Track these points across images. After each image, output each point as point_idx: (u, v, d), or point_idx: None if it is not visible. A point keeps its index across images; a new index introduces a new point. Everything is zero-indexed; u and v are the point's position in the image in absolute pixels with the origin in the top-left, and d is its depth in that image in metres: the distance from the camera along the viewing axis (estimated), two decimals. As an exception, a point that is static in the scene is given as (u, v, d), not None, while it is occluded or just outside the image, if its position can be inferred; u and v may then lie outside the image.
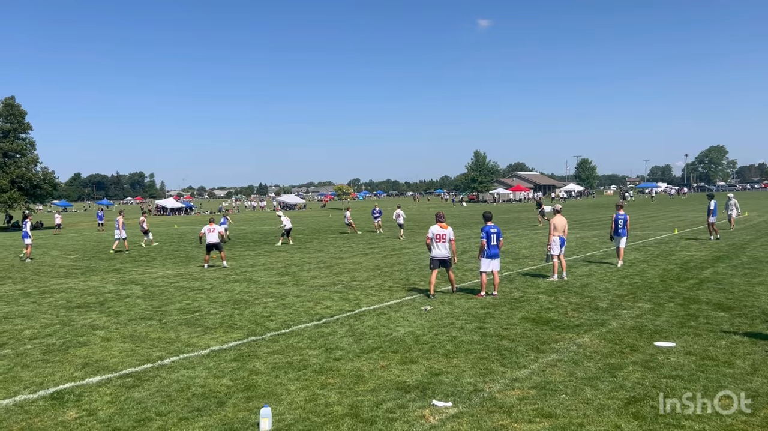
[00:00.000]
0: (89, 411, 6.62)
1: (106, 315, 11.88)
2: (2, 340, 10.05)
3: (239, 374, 7.80)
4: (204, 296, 13.70)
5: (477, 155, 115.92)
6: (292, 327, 10.42)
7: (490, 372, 7.55)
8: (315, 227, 41.72)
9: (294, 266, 18.73)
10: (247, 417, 6.30)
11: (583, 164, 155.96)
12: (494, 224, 13.02)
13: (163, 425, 6.16)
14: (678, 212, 46.54)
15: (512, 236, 28.11)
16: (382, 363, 8.07)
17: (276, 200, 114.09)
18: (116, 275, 18.17)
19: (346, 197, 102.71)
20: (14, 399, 7.08)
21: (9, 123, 55.27)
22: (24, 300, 13.98)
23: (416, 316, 10.96)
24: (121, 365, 8.36)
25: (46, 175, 57.14)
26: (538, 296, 12.56)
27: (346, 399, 6.73)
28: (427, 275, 15.97)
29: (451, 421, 6.02)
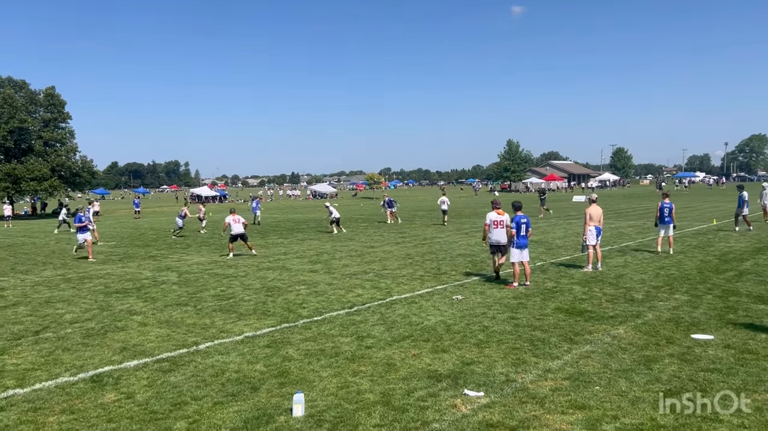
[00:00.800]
0: (127, 394, 6.78)
1: (143, 301, 12.14)
2: (44, 323, 10.35)
3: (272, 360, 7.90)
4: (238, 284, 13.89)
5: (510, 143, 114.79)
6: (324, 314, 10.50)
7: (522, 363, 7.50)
8: (346, 215, 41.88)
9: (326, 255, 18.84)
10: (280, 402, 6.38)
11: (619, 153, 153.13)
12: (524, 214, 12.88)
13: (198, 409, 6.28)
14: (716, 202, 45.42)
15: (545, 226, 27.81)
16: (414, 352, 8.08)
17: (309, 188, 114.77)
18: (152, 261, 18.53)
19: (377, 186, 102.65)
20: (56, 381, 7.29)
21: (50, 113, 56.71)
22: (64, 285, 14.37)
23: (447, 305, 10.93)
24: (158, 350, 8.54)
25: (84, 163, 58.52)
26: (572, 286, 12.42)
27: (378, 387, 6.76)
28: (459, 264, 15.95)
29: (483, 411, 6.00)
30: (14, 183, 51.84)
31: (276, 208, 60.38)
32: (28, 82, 56.27)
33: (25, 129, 53.87)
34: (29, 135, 54.66)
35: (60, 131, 57.20)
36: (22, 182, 51.74)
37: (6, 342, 9.16)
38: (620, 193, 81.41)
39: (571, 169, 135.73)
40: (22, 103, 54.26)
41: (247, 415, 6.06)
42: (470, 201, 64.08)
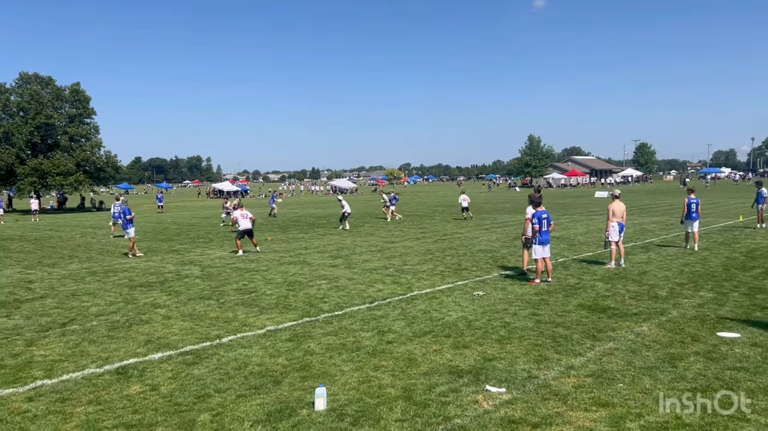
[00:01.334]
0: (152, 386, 6.87)
1: (167, 294, 12.29)
2: (71, 316, 10.53)
3: (294, 354, 7.95)
4: (260, 278, 13.99)
5: (531, 138, 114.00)
6: (345, 309, 10.53)
7: (544, 359, 7.46)
8: (366, 211, 41.91)
9: (346, 250, 18.89)
10: (302, 396, 6.43)
11: (642, 149, 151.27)
12: (544, 209, 12.77)
13: (221, 401, 6.35)
14: (742, 198, 44.61)
15: (567, 221, 27.58)
16: (435, 347, 8.07)
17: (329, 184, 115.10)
18: (176, 255, 18.74)
19: (397, 181, 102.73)
20: (82, 373, 7.42)
21: (75, 108, 57.48)
22: (90, 279, 14.59)
23: (468, 301, 10.90)
24: (182, 342, 8.64)
25: (109, 158, 59.27)
26: (595, 283, 12.30)
27: (399, 382, 6.78)
28: (480, 260, 15.89)
29: (505, 407, 5.99)
30: (41, 178, 52.68)
31: (297, 203, 60.65)
32: (54, 79, 57.12)
33: (51, 125, 54.71)
34: (55, 131, 55.48)
35: (85, 127, 57.96)
36: (49, 176, 52.54)
37: (34, 334, 9.34)
38: (643, 189, 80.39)
39: (593, 164, 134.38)
40: (49, 100, 55.08)
41: (270, 408, 6.11)
42: (490, 197, 63.72)
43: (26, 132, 52.75)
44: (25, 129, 52.68)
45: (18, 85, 55.48)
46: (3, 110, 54.11)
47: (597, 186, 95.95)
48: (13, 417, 6.06)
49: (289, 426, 5.67)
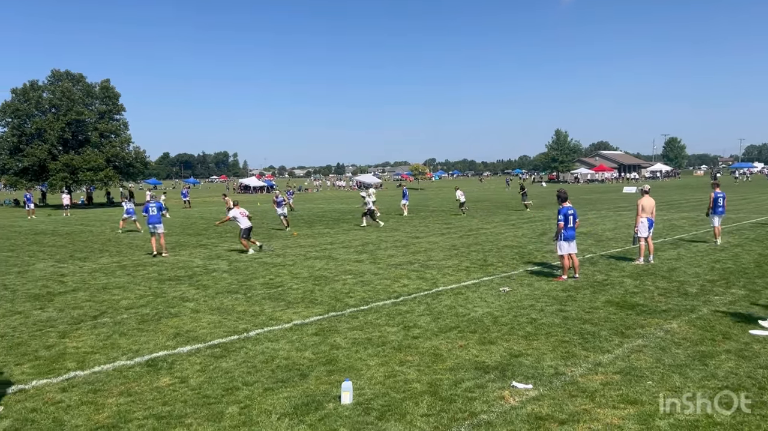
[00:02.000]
0: (181, 379, 6.98)
1: (195, 288, 12.45)
2: (102, 309, 10.74)
3: (321, 348, 8.00)
4: (286, 272, 14.09)
5: (558, 133, 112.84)
6: (371, 303, 10.56)
7: (571, 356, 7.40)
8: (391, 206, 41.93)
9: (371, 245, 18.93)
10: (329, 389, 6.47)
11: (672, 143, 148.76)
12: (570, 205, 12.62)
13: (249, 394, 6.42)
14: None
15: (594, 217, 27.27)
16: (461, 343, 8.06)
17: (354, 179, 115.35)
18: (203, 250, 18.97)
19: (422, 176, 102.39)
20: (113, 365, 7.56)
21: (105, 105, 58.50)
22: (120, 272, 14.85)
23: (494, 297, 10.85)
24: (210, 336, 8.76)
25: (138, 154, 60.20)
26: (623, 279, 12.15)
27: (425, 377, 6.78)
28: (506, 256, 15.81)
29: (532, 403, 5.95)
30: (72, 173, 53.76)
31: (322, 198, 60.91)
32: (84, 76, 58.18)
33: (81, 121, 55.76)
34: (86, 127, 56.52)
35: (114, 123, 58.96)
36: (79, 172, 53.60)
37: (67, 326, 9.54)
38: (672, 184, 79.06)
39: (621, 159, 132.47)
40: (79, 96, 56.13)
41: (297, 401, 6.17)
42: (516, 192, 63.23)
43: (58, 128, 53.83)
44: (56, 125, 53.77)
45: (50, 82, 56.65)
46: (36, 106, 55.28)
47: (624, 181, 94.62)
48: (48, 407, 6.21)
49: (315, 420, 5.71)
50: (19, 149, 54.59)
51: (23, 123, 55.25)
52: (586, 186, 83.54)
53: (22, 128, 54.98)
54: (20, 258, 18.02)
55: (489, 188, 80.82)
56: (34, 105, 55.14)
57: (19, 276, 14.53)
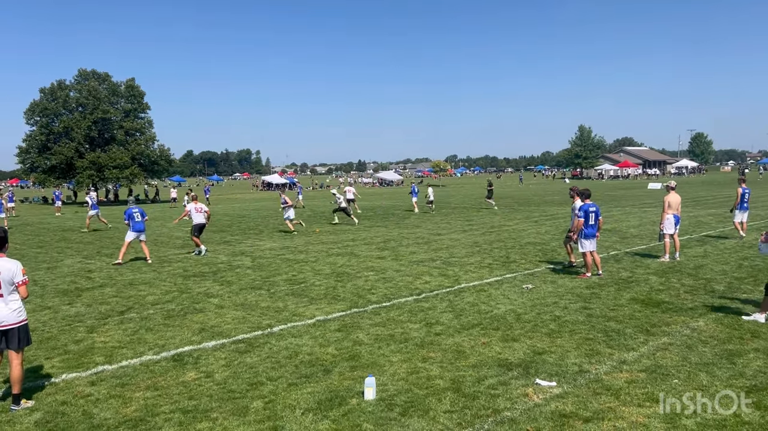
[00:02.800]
0: (206, 373, 7.07)
1: (219, 284, 12.59)
2: (129, 304, 10.91)
3: (343, 344, 8.04)
4: (309, 269, 14.17)
5: (582, 129, 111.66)
6: (393, 300, 10.58)
7: (596, 354, 7.34)
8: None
9: (393, 242, 18.94)
10: (352, 385, 6.51)
11: (698, 139, 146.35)
12: (593, 202, 12.49)
13: (273, 389, 6.48)
14: (807, 190, 42.70)
15: (619, 214, 26.97)
16: (483, 340, 8.04)
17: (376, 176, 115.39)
18: (227, 246, 19.15)
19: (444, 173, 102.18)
20: (140, 359, 7.69)
21: (130, 103, 59.34)
22: (146, 269, 15.06)
23: (517, 294, 10.80)
24: (234, 331, 8.85)
25: (162, 152, 60.96)
26: (648, 277, 12.01)
27: (448, 374, 6.78)
28: (528, 253, 15.72)
29: (556, 401, 5.92)
30: (98, 171, 54.61)
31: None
32: (110, 75, 59.02)
33: (107, 119, 56.60)
34: (111, 125, 57.36)
35: (139, 121, 59.77)
36: (106, 170, 54.43)
37: (95, 321, 9.72)
38: (698, 180, 77.79)
39: (646, 155, 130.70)
40: (105, 95, 57.00)
41: (321, 397, 6.21)
42: (538, 189, 62.75)
43: (84, 127, 54.72)
44: (83, 124, 54.66)
45: (77, 81, 57.58)
46: (63, 105, 56.23)
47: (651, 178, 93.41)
48: (77, 400, 6.34)
49: (339, 415, 5.75)
50: (48, 148, 55.59)
51: (51, 122, 56.25)
52: (610, 182, 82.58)
53: (50, 126, 55.96)
54: (49, 254, 18.37)
55: (509, 184, 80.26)
56: (62, 104, 56.10)
57: (48, 272, 14.82)
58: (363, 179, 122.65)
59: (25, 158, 56.66)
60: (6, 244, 6.37)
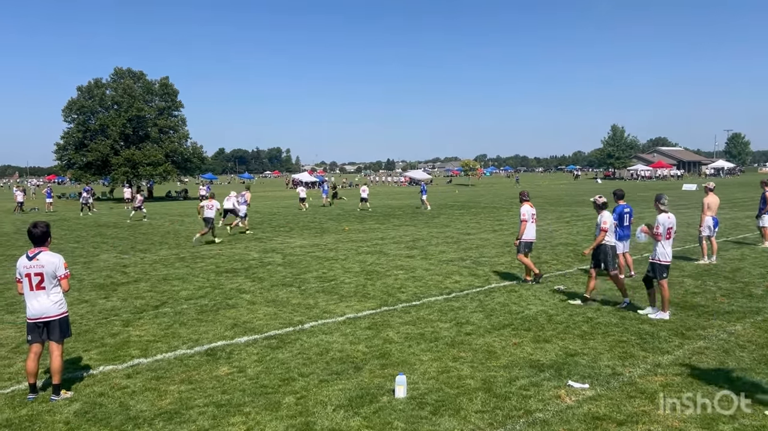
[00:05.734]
0: (239, 368, 7.17)
1: (251, 280, 12.73)
2: (163, 299, 11.11)
3: (374, 342, 8.07)
4: (339, 266, 14.25)
5: (614, 128, 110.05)
6: (423, 299, 10.58)
7: (629, 356, 7.24)
8: (441, 202, 41.78)
9: (422, 241, 18.92)
10: (382, 383, 6.53)
11: (735, 139, 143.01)
12: (627, 203, 12.30)
13: (305, 385, 6.54)
14: None
15: (652, 215, 26.47)
16: (515, 340, 7.99)
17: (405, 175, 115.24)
18: (258, 243, 19.35)
19: (473, 173, 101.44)
20: (174, 353, 7.82)
21: (164, 101, 60.28)
22: (179, 264, 15.31)
23: (549, 295, 10.71)
24: (266, 327, 8.95)
25: (195, 149, 61.83)
26: (683, 279, 11.80)
27: (479, 374, 6.76)
28: (560, 253, 15.55)
29: (589, 403, 5.86)
30: (133, 168, 55.62)
31: (372, 194, 61.10)
32: (145, 73, 60.05)
33: (142, 117, 57.59)
34: (146, 123, 58.34)
35: (173, 119, 60.69)
36: (140, 166, 55.41)
37: (130, 315, 9.92)
38: (734, 181, 75.99)
39: (680, 155, 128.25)
40: (140, 93, 57.99)
41: (352, 394, 6.25)
42: (570, 189, 62.04)
43: (120, 124, 55.77)
44: (119, 121, 55.71)
45: (113, 80, 58.69)
46: (99, 103, 57.38)
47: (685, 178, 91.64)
48: (114, 392, 6.49)
49: (370, 412, 5.78)
50: (84, 145, 56.78)
51: (88, 119, 57.47)
52: (643, 183, 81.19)
53: (87, 124, 57.19)
54: (85, 249, 18.79)
55: (537, 183, 79.48)
56: (98, 102, 57.26)
57: (84, 267, 15.16)
58: (392, 177, 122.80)
59: (63, 155, 57.97)
60: (49, 238, 6.55)
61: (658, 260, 9.12)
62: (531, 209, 11.96)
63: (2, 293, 11.85)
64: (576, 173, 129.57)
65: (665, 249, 9.13)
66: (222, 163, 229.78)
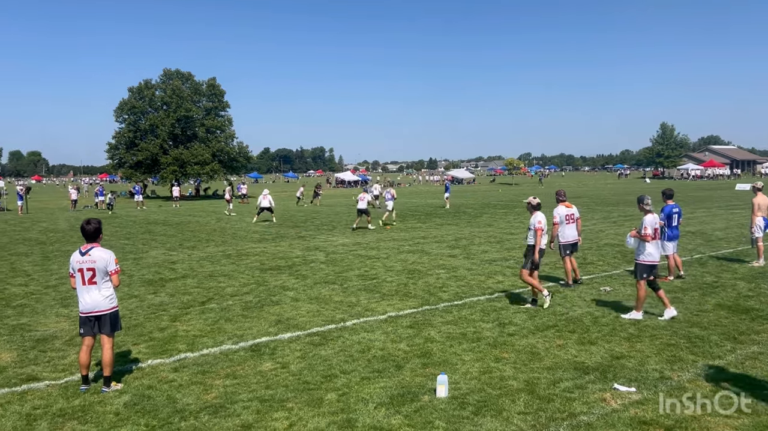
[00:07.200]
0: (282, 364, 7.26)
1: (294, 278, 12.89)
2: (209, 295, 11.34)
3: (415, 341, 8.07)
4: (380, 265, 14.29)
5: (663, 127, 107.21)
6: (465, 299, 10.52)
7: (678, 360, 7.04)
8: (484, 201, 41.46)
9: (464, 240, 18.81)
10: (423, 382, 6.52)
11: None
12: (675, 203, 11.96)
13: (347, 382, 6.59)
14: None
15: (704, 216, 25.74)
16: (559, 342, 7.87)
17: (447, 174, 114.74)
18: (302, 241, 19.58)
19: (517, 172, 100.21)
20: (220, 348, 7.98)
21: (211, 102, 61.55)
22: (225, 261, 15.61)
23: (595, 296, 10.51)
24: (309, 324, 9.05)
25: (241, 149, 62.96)
26: (736, 282, 11.41)
27: (522, 375, 6.68)
28: (606, 254, 15.24)
29: (635, 407, 5.73)
30: (181, 167, 56.98)
31: (414, 192, 61.07)
32: (193, 74, 61.44)
33: (190, 117, 58.96)
34: (193, 123, 59.71)
35: (220, 119, 61.91)
36: (188, 165, 56.74)
37: (178, 310, 10.16)
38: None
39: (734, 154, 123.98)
40: (188, 94, 59.35)
41: (393, 392, 6.26)
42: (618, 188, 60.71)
43: (168, 124, 57.23)
44: (167, 121, 57.17)
45: (162, 81, 60.24)
46: (149, 104, 58.99)
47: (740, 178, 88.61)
48: (162, 385, 6.66)
49: (411, 411, 5.78)
50: (135, 144, 58.47)
51: (138, 119, 59.15)
52: (694, 183, 78.87)
53: (137, 124, 58.87)
54: (135, 246, 19.33)
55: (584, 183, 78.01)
56: (148, 102, 58.89)
57: (134, 263, 15.60)
58: (428, 176, 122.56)
59: (114, 154, 59.83)
60: (100, 234, 6.76)
61: (642, 260, 9.03)
62: (566, 210, 11.50)
63: (57, 288, 12.29)
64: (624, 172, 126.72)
65: (650, 249, 8.99)
66: (267, 162, 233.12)
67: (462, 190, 67.09)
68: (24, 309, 10.43)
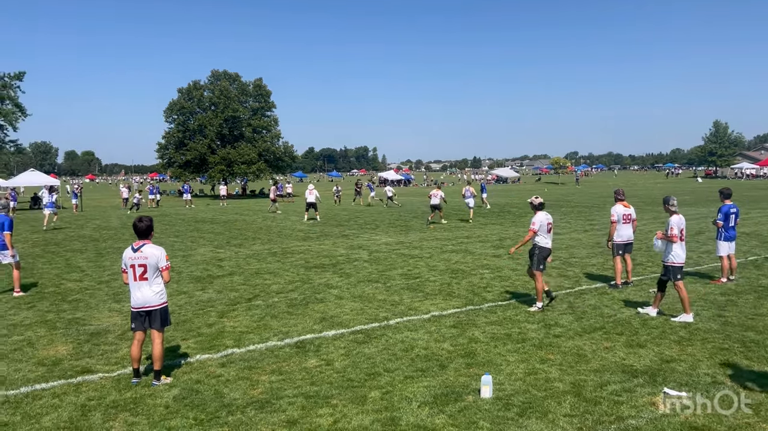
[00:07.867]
0: (327, 361, 7.34)
1: (338, 276, 12.99)
2: (255, 292, 11.53)
3: (459, 340, 8.04)
4: (423, 264, 14.27)
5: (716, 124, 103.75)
6: (509, 299, 10.42)
7: (731, 365, 6.83)
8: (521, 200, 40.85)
9: (509, 240, 18.61)
10: (467, 382, 6.49)
11: None
12: (733, 203, 11.57)
13: (390, 381, 6.61)
14: None
15: (760, 216, 24.80)
16: (606, 344, 7.73)
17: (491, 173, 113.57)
18: (345, 240, 19.71)
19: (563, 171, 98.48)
20: (266, 344, 8.11)
21: (257, 102, 62.46)
22: (271, 259, 15.84)
23: (644, 299, 10.26)
24: (353, 322, 9.11)
25: (286, 148, 63.68)
26: (794, 285, 10.97)
27: (568, 377, 6.59)
28: (655, 256, 14.85)
29: (686, 412, 5.57)
30: (228, 166, 58.05)
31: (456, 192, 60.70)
32: (240, 75, 62.46)
33: (237, 117, 59.95)
34: (240, 123, 60.68)
35: (266, 119, 62.75)
36: (235, 165, 57.74)
37: (225, 307, 10.37)
38: None
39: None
40: (235, 94, 60.36)
41: (436, 391, 6.26)
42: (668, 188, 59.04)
43: (216, 124, 58.31)
44: (215, 122, 58.27)
45: (210, 81, 61.44)
46: (198, 104, 60.26)
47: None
48: (210, 380, 6.81)
49: (455, 411, 5.76)
50: (184, 144, 59.80)
51: (187, 120, 60.48)
52: (749, 182, 76.07)
53: (186, 124, 60.20)
54: (184, 244, 19.79)
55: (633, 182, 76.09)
56: (197, 103, 60.15)
57: (183, 260, 15.98)
58: (473, 175, 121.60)
59: (164, 154, 61.29)
60: (152, 232, 6.96)
61: (672, 262, 8.96)
62: (623, 210, 11.34)
63: (109, 284, 12.70)
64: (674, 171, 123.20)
65: (677, 251, 8.95)
66: (311, 161, 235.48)
67: (506, 189, 66.37)
68: (79, 304, 10.81)
